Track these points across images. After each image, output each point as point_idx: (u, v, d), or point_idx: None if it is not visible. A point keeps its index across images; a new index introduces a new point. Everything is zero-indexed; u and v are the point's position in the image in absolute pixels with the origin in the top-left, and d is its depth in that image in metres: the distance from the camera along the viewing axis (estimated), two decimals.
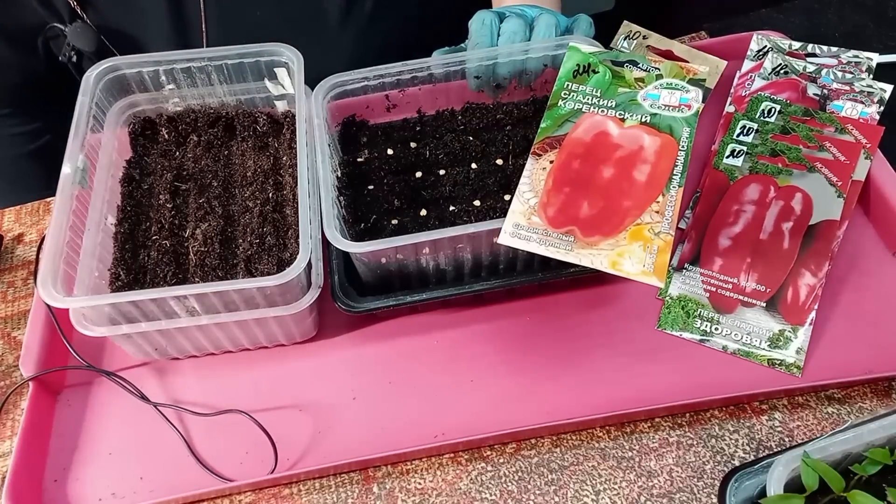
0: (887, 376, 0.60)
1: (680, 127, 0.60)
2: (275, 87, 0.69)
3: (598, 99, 0.62)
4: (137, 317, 0.56)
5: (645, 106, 0.61)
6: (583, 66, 0.63)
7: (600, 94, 0.62)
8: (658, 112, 0.61)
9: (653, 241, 0.56)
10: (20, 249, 0.75)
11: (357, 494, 0.58)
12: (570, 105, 0.62)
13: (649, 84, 0.62)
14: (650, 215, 0.57)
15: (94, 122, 0.63)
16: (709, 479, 0.57)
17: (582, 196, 0.58)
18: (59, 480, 0.59)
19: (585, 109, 0.62)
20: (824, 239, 0.64)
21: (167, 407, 0.61)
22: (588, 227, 0.56)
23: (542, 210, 0.57)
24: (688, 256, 0.66)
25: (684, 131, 0.60)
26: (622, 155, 0.59)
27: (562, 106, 0.62)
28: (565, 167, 0.59)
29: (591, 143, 0.60)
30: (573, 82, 0.63)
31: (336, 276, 0.61)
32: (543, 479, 0.58)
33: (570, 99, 0.62)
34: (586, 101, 0.62)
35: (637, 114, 0.61)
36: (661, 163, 0.58)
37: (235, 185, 0.67)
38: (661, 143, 0.59)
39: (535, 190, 0.58)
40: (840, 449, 0.49)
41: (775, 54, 0.73)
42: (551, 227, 0.57)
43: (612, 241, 0.56)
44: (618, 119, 0.61)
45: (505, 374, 0.62)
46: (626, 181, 0.58)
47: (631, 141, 0.60)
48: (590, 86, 0.62)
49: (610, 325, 0.64)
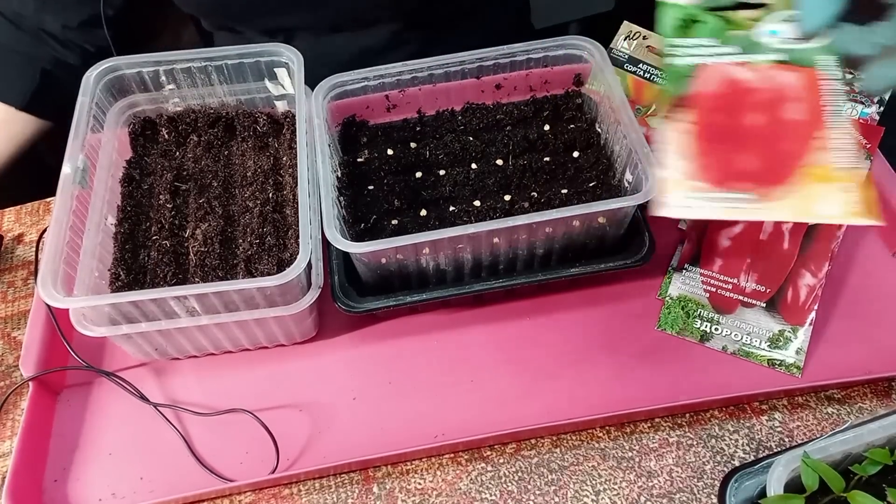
0: (887, 376, 0.60)
1: (814, 56, 0.54)
2: (275, 87, 0.69)
3: (714, 48, 0.57)
4: (137, 317, 0.56)
5: (772, 44, 0.56)
6: (685, 20, 0.57)
7: (716, 43, 0.57)
8: (792, 47, 0.55)
9: (842, 178, 0.52)
10: (20, 249, 0.75)
11: (357, 494, 0.58)
12: (685, 61, 0.57)
13: (766, 20, 0.56)
14: (817, 154, 0.53)
15: (94, 122, 0.63)
16: (709, 480, 0.57)
17: (737, 149, 0.54)
18: (59, 480, 0.59)
19: (704, 62, 0.56)
20: (824, 239, 0.64)
21: (167, 407, 0.61)
22: (757, 179, 0.53)
23: (702, 172, 0.54)
24: (688, 256, 0.66)
25: (822, 60, 0.54)
26: (763, 99, 0.55)
27: (676, 64, 0.57)
28: (708, 123, 0.55)
29: (724, 93, 0.56)
30: (679, 37, 0.57)
31: (336, 277, 0.61)
32: (543, 479, 0.58)
33: (683, 54, 0.57)
34: (702, 54, 0.57)
35: (763, 53, 0.56)
36: (810, 97, 0.54)
37: (235, 186, 0.67)
38: (801, 76, 0.54)
39: (683, 154, 0.55)
40: (840, 449, 0.49)
41: None
42: (717, 187, 0.54)
43: (789, 188, 0.53)
44: (744, 63, 0.56)
45: (505, 374, 0.62)
46: (777, 124, 0.54)
47: (766, 82, 0.55)
48: (704, 37, 0.57)
49: (610, 325, 0.64)
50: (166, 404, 0.61)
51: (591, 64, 0.66)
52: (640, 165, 0.58)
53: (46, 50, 0.79)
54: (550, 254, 0.61)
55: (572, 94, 0.70)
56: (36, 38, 0.78)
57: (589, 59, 0.66)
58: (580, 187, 0.64)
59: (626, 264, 0.61)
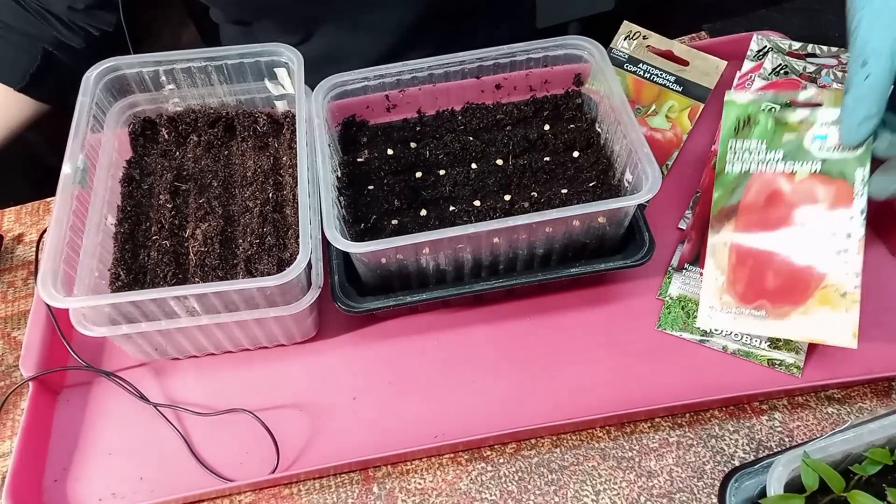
0: (887, 376, 0.60)
1: (853, 169, 0.54)
2: (275, 87, 0.69)
3: (763, 153, 0.58)
4: (137, 317, 0.56)
5: (813, 151, 0.56)
6: (742, 119, 0.59)
7: (765, 147, 0.58)
8: (827, 157, 0.55)
9: (841, 303, 0.54)
10: (20, 249, 0.75)
11: (357, 494, 0.58)
12: (738, 167, 0.58)
13: (815, 123, 0.56)
14: (835, 275, 0.54)
15: (94, 122, 0.63)
16: (709, 479, 0.57)
17: (766, 266, 0.57)
18: (59, 480, 0.59)
19: (753, 169, 0.58)
20: None
21: (167, 407, 0.61)
22: (777, 298, 0.56)
23: (731, 287, 0.57)
24: (688, 256, 0.66)
25: (858, 173, 0.54)
26: (799, 214, 0.56)
27: (729, 171, 0.59)
28: (745, 238, 0.58)
29: (764, 206, 0.57)
30: (736, 139, 0.59)
31: (336, 276, 0.61)
32: (543, 479, 0.58)
33: (737, 160, 0.58)
34: (752, 159, 0.58)
35: (807, 162, 0.56)
36: (838, 216, 0.55)
37: (235, 185, 0.67)
38: (836, 191, 0.55)
39: (721, 267, 0.58)
40: (840, 449, 0.49)
41: (775, 54, 0.73)
42: (742, 303, 0.57)
43: (802, 308, 0.55)
44: (788, 174, 0.57)
45: (505, 374, 0.62)
46: (805, 243, 0.56)
47: (805, 197, 0.56)
48: (753, 139, 0.58)
49: (610, 325, 0.64)
50: (166, 404, 0.61)
51: (591, 64, 0.66)
52: (639, 165, 0.58)
53: (49, 31, 0.77)
54: (550, 254, 0.61)
55: (572, 94, 0.70)
56: (40, 17, 0.76)
57: (589, 59, 0.66)
58: (580, 187, 0.64)
59: (626, 264, 0.61)
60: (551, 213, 0.55)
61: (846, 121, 0.52)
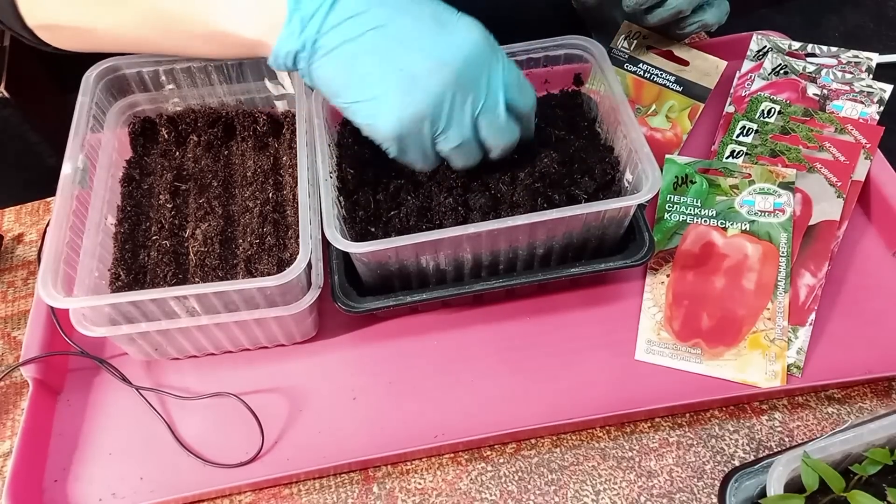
0: (887, 376, 0.60)
1: (777, 233, 0.63)
2: (275, 87, 0.69)
3: (699, 209, 0.65)
4: (137, 317, 0.56)
5: (743, 213, 0.64)
6: (680, 177, 0.67)
7: (700, 204, 0.66)
8: (755, 219, 0.64)
9: (769, 349, 0.60)
10: (20, 249, 0.75)
11: (357, 494, 0.58)
12: (675, 217, 0.66)
13: (744, 191, 0.65)
14: (763, 322, 0.61)
15: (94, 121, 0.63)
16: (709, 479, 0.57)
17: (701, 308, 0.62)
18: (59, 480, 0.59)
19: (689, 220, 0.65)
20: (824, 239, 0.64)
21: (150, 391, 0.61)
22: (711, 339, 0.61)
23: (668, 324, 0.62)
24: None
25: (782, 237, 0.63)
26: (730, 265, 0.63)
27: (668, 219, 0.66)
28: (681, 280, 0.63)
29: (699, 254, 0.64)
30: (674, 194, 0.67)
31: (336, 276, 0.61)
32: (543, 479, 0.58)
33: (675, 211, 0.66)
34: (689, 213, 0.65)
35: (737, 222, 0.64)
36: (766, 270, 0.62)
37: (235, 185, 0.67)
38: (763, 250, 0.63)
39: (658, 304, 0.63)
40: (840, 449, 0.49)
41: (775, 54, 0.73)
42: (679, 340, 0.61)
43: (735, 350, 0.60)
44: (720, 228, 0.64)
45: (505, 374, 0.62)
46: (737, 291, 0.62)
47: (735, 250, 0.63)
48: (690, 196, 0.66)
49: (610, 325, 0.64)
50: (153, 388, 0.61)
51: (591, 64, 0.66)
52: (640, 165, 0.58)
53: None
54: (550, 254, 0.61)
55: (572, 93, 0.70)
56: None
57: (589, 58, 0.65)
58: (580, 187, 0.64)
59: (626, 264, 0.61)
60: (551, 213, 0.55)
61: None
